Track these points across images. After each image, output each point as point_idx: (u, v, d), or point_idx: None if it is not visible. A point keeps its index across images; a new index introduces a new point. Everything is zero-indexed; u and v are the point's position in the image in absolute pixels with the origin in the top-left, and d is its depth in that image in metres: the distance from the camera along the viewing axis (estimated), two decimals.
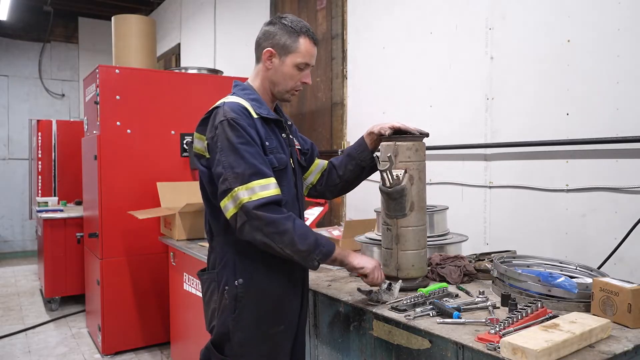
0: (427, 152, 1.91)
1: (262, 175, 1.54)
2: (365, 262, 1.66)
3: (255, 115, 1.64)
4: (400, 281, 1.74)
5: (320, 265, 1.60)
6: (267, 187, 1.53)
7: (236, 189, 1.53)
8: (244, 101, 1.66)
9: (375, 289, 1.71)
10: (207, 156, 1.66)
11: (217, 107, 1.67)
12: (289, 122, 1.87)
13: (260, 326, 1.67)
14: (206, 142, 1.65)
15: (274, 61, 1.69)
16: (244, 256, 1.65)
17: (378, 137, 1.87)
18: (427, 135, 1.84)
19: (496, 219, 2.50)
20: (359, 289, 1.77)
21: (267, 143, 1.64)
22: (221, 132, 1.58)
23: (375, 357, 1.68)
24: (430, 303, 1.59)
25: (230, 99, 1.68)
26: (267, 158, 1.62)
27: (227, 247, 1.67)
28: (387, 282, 1.71)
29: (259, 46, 1.73)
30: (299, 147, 1.88)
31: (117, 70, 3.65)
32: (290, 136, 1.81)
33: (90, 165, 3.86)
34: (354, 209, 3.45)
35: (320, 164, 1.99)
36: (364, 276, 1.67)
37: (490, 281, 1.88)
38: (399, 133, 1.82)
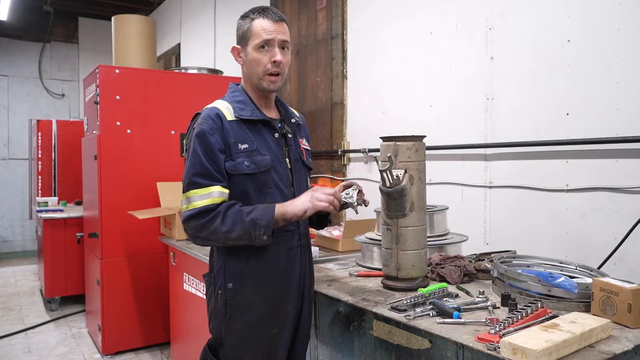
0: (427, 152, 1.91)
1: (199, 185, 1.57)
2: (302, 205, 1.59)
3: (230, 118, 1.64)
4: (354, 187, 1.72)
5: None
6: (204, 197, 1.56)
7: (182, 196, 1.61)
8: (224, 105, 1.68)
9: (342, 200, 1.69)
10: None
11: (198, 114, 1.70)
12: (293, 120, 1.83)
13: (252, 330, 1.66)
14: (185, 147, 1.70)
15: (241, 56, 1.71)
16: (234, 260, 1.65)
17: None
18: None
19: (496, 219, 2.50)
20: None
21: (245, 145, 1.63)
22: (189, 139, 1.65)
23: (375, 357, 1.68)
24: (430, 303, 1.59)
25: (213, 103, 1.70)
26: (232, 164, 1.61)
27: (220, 252, 1.68)
28: (345, 192, 1.71)
29: None
30: (307, 148, 1.86)
31: (117, 70, 3.65)
32: (289, 135, 1.77)
33: (90, 165, 3.86)
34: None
35: None
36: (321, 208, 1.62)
37: (490, 281, 1.88)
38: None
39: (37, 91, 8.20)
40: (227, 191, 1.60)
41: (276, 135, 1.73)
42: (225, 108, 1.66)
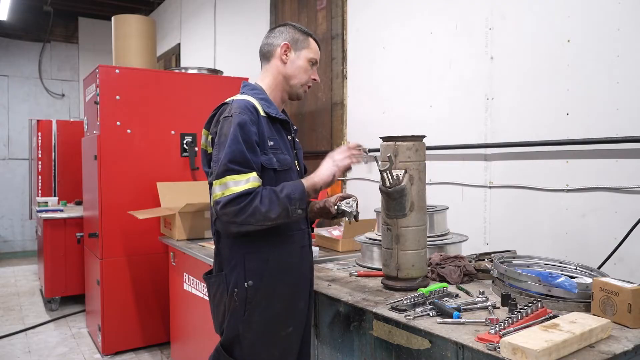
0: (427, 152, 1.91)
1: (236, 172, 1.54)
2: (328, 171, 1.65)
3: (262, 114, 1.66)
4: (353, 197, 1.81)
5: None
6: (241, 182, 1.53)
7: (214, 182, 1.57)
8: (253, 99, 1.68)
9: (339, 204, 1.80)
10: (210, 151, 1.68)
11: (225, 104, 1.70)
12: (295, 128, 1.89)
13: (270, 328, 1.67)
14: (210, 137, 1.68)
15: (289, 55, 1.76)
16: (254, 257, 1.65)
17: (320, 210, 1.90)
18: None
19: (496, 219, 2.50)
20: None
21: (271, 142, 1.66)
22: (221, 128, 1.61)
23: (375, 357, 1.68)
24: (430, 303, 1.59)
25: (243, 96, 1.70)
26: (267, 158, 1.63)
27: (236, 249, 1.67)
28: (346, 202, 1.79)
29: (270, 45, 1.78)
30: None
31: (117, 70, 3.65)
32: (297, 139, 1.84)
33: (90, 165, 3.86)
34: None
35: None
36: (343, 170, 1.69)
37: (490, 281, 1.88)
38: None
39: (37, 91, 8.20)
40: (260, 180, 1.60)
41: (289, 137, 1.78)
42: (257, 103, 1.68)
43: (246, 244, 1.65)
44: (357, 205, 1.80)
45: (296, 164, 1.78)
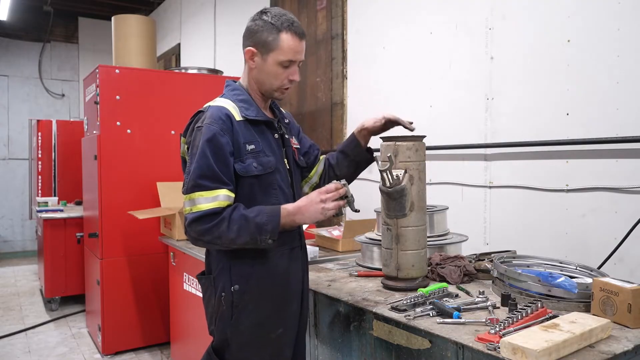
0: (427, 152, 1.91)
1: (205, 188, 1.53)
2: (314, 217, 1.58)
3: (239, 118, 1.62)
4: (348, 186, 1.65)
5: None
6: (209, 200, 1.53)
7: (184, 197, 1.57)
8: (230, 104, 1.64)
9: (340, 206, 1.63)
10: (187, 159, 1.66)
11: (201, 112, 1.66)
12: (287, 121, 1.84)
13: (259, 331, 1.65)
14: (186, 145, 1.66)
15: (256, 60, 1.66)
16: (239, 261, 1.64)
17: (369, 132, 1.85)
18: (412, 130, 1.80)
19: (496, 219, 2.50)
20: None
21: (251, 146, 1.61)
22: (194, 138, 1.60)
23: (375, 357, 1.68)
24: (430, 303, 1.59)
25: (217, 102, 1.66)
26: (243, 165, 1.59)
27: (222, 253, 1.65)
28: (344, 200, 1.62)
29: (243, 44, 1.70)
30: (297, 147, 1.85)
31: (117, 70, 3.65)
32: (286, 136, 1.78)
33: (90, 165, 3.86)
34: None
35: (322, 163, 1.94)
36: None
37: (490, 281, 1.88)
38: (391, 124, 1.81)
39: (37, 91, 8.20)
40: (233, 195, 1.57)
41: (276, 136, 1.72)
42: (232, 107, 1.63)
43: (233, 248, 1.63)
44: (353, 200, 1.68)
45: (285, 162, 1.73)
